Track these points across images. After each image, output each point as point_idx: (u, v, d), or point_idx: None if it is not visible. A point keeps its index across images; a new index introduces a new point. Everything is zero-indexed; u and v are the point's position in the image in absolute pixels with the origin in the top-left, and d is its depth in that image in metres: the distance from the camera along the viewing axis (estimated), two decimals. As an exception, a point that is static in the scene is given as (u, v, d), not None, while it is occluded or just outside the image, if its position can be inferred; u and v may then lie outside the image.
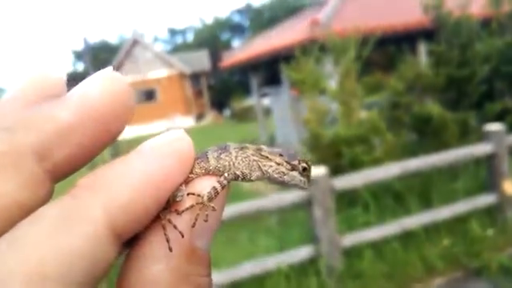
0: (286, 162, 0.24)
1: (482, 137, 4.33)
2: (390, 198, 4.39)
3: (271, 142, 13.19)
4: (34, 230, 0.16)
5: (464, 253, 3.87)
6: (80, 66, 35.86)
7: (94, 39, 37.01)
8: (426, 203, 4.38)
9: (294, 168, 0.25)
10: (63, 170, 0.16)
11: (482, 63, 5.40)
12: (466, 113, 5.26)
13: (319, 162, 4.93)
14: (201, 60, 31.21)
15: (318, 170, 3.74)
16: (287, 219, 4.76)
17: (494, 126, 4.27)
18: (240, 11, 42.35)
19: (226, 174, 0.22)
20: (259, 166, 0.23)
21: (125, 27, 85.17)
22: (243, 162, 0.23)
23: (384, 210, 4.32)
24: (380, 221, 4.13)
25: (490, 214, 4.20)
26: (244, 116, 24.61)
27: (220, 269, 3.52)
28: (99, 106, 0.15)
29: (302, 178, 0.24)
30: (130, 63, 28.83)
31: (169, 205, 0.19)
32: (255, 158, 0.24)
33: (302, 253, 3.70)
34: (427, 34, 9.18)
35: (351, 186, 3.85)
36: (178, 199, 0.19)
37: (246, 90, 28.48)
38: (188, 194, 0.20)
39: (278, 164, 0.24)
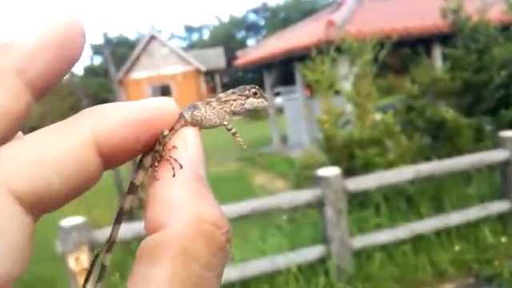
0: (239, 95, 0.30)
1: (497, 143, 4.23)
2: (402, 202, 4.32)
3: (283, 141, 13.15)
4: (28, 137, 0.19)
5: (475, 259, 3.79)
6: (97, 60, 36.11)
7: (112, 34, 37.24)
8: (438, 208, 4.30)
9: (247, 96, 0.30)
10: (38, 84, 0.19)
11: (498, 69, 5.28)
12: (481, 118, 5.15)
13: (332, 163, 4.88)
14: (216, 58, 31.25)
15: (331, 171, 3.69)
16: (297, 218, 4.72)
17: (510, 133, 4.17)
18: (256, 11, 42.29)
19: (202, 123, 0.27)
20: (224, 111, 0.29)
21: (142, 23, 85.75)
22: (212, 112, 0.28)
23: (395, 213, 4.25)
24: (391, 224, 4.07)
25: (502, 222, 4.10)
26: (256, 114, 24.56)
27: (230, 264, 3.50)
28: (57, 34, 0.19)
29: (258, 100, 0.30)
30: (147, 58, 28.97)
31: (161, 147, 0.23)
32: (219, 106, 0.29)
33: (313, 252, 3.66)
34: (442, 37, 9.05)
35: (364, 188, 3.79)
36: (166, 139, 0.23)
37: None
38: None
39: (235, 100, 0.30)
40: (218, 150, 12.98)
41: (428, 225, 3.92)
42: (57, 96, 17.41)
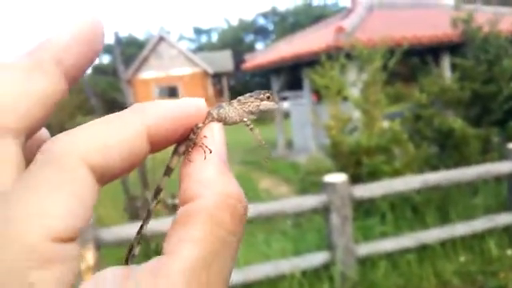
0: (256, 98, 0.35)
1: (504, 155, 4.20)
2: (408, 211, 4.29)
3: (289, 145, 13.13)
4: (87, 125, 0.23)
5: (480, 271, 3.76)
6: (106, 59, 36.28)
7: (122, 33, 37.43)
8: (444, 218, 4.27)
9: (262, 99, 0.36)
10: (71, 74, 0.23)
11: (508, 80, 5.25)
12: (489, 129, 5.12)
13: (339, 169, 4.86)
14: (224, 60, 31.32)
15: (338, 177, 3.68)
16: (302, 223, 4.70)
17: (518, 145, 4.14)
18: (265, 15, 42.37)
19: (225, 120, 0.32)
20: (243, 111, 0.34)
21: (152, 24, 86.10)
22: (233, 112, 0.33)
23: (401, 221, 4.23)
24: (396, 232, 4.04)
25: (508, 234, 4.06)
26: (262, 117, 24.59)
27: (234, 268, 3.48)
28: (84, 32, 0.23)
29: (271, 103, 0.35)
30: (155, 59, 29.08)
31: (195, 137, 0.28)
32: (239, 106, 0.34)
33: (317, 258, 3.64)
34: (452, 47, 9.02)
35: (370, 195, 3.77)
36: (199, 131, 0.28)
37: (265, 93, 28.46)
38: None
39: (252, 102, 0.35)
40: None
41: (433, 234, 3.89)
42: (65, 94, 17.42)
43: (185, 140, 0.27)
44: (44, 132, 0.26)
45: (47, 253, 0.18)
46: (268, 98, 0.35)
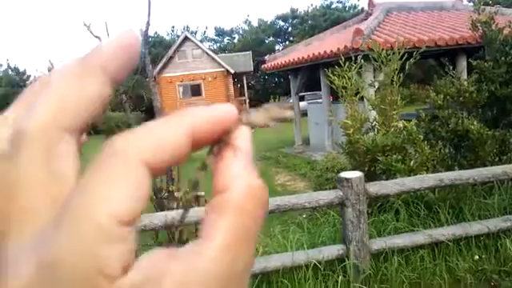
0: (279, 107, 0.36)
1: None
2: (422, 208, 4.20)
3: (305, 143, 13.07)
4: (146, 126, 0.24)
5: (495, 270, 3.65)
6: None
7: (149, 34, 37.81)
8: (458, 217, 4.16)
9: (285, 108, 0.36)
10: (115, 79, 0.25)
11: (526, 83, 5.08)
12: (506, 131, 4.97)
13: (354, 167, 4.80)
14: (244, 61, 31.36)
15: (354, 174, 3.64)
16: (317, 217, 4.66)
17: (535, 147, 4.01)
18: (284, 18, 42.20)
19: (253, 124, 0.33)
20: (268, 117, 0.35)
21: (177, 24, 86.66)
22: (260, 117, 0.34)
23: (415, 219, 4.14)
24: (410, 229, 3.97)
25: (523, 234, 3.94)
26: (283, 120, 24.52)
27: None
28: (125, 45, 0.26)
29: (291, 112, 0.36)
30: (180, 58, 29.28)
31: (227, 138, 0.30)
32: (265, 113, 0.35)
33: (332, 251, 3.60)
34: (468, 50, 8.80)
35: (385, 192, 3.71)
36: (231, 133, 0.30)
37: (284, 92, 28.39)
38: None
39: (277, 110, 0.36)
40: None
41: (447, 232, 3.80)
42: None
43: (218, 141, 0.30)
44: None
45: (113, 231, 0.21)
46: (290, 108, 0.36)
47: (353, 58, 5.78)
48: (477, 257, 3.73)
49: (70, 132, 0.24)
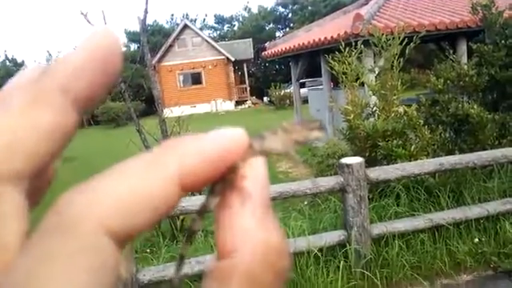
0: (303, 127, 0.29)
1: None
2: (422, 193, 4.22)
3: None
4: (108, 177, 0.19)
5: (494, 253, 3.68)
6: (132, 46, 36.44)
7: (148, 21, 37.52)
8: (458, 201, 4.18)
9: (311, 129, 0.31)
10: (83, 100, 0.20)
11: (526, 66, 5.05)
12: (506, 114, 4.95)
13: (355, 152, 4.80)
14: (244, 49, 31.14)
15: (355, 159, 3.64)
16: (318, 204, 4.68)
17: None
18: (284, 4, 41.75)
19: (270, 152, 0.27)
20: (289, 140, 0.29)
21: (176, 12, 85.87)
22: (278, 142, 0.28)
23: (415, 203, 4.16)
24: (411, 214, 3.99)
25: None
26: (282, 103, 24.47)
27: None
28: (98, 55, 0.20)
29: (318, 133, 0.30)
30: (180, 47, 29.09)
31: (232, 177, 0.23)
32: (285, 136, 0.29)
33: (333, 237, 3.63)
34: (468, 34, 8.72)
35: (385, 178, 3.72)
36: (238, 170, 0.23)
37: (285, 79, 28.26)
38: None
39: (300, 132, 0.30)
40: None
41: (447, 216, 3.82)
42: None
43: (222, 178, 0.23)
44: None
45: None
46: (316, 128, 0.30)
47: (353, 44, 5.73)
48: (476, 240, 3.76)
49: (16, 179, 0.19)
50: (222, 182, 0.23)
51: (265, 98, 29.21)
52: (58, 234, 0.17)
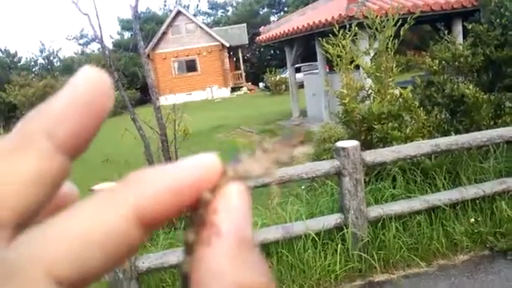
0: (285, 143, 0.26)
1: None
2: (419, 175, 4.21)
3: (303, 114, 13.02)
4: (58, 218, 0.18)
5: (490, 232, 3.69)
6: (126, 35, 36.00)
7: (141, 9, 36.99)
8: (455, 182, 4.18)
9: (294, 145, 0.27)
10: (70, 144, 0.19)
11: (522, 45, 4.99)
12: (502, 94, 4.92)
13: (351, 136, 4.78)
14: (239, 34, 30.83)
15: (350, 143, 3.62)
16: (316, 188, 4.68)
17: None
18: (278, -12, 41.18)
19: (246, 177, 0.24)
20: (270, 161, 0.25)
21: None
22: (256, 164, 0.25)
23: (411, 185, 4.16)
24: (407, 196, 3.99)
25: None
26: (278, 89, 24.34)
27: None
28: (83, 96, 0.19)
29: (304, 148, 0.27)
30: (173, 34, 28.77)
31: (202, 211, 0.21)
32: (264, 156, 0.26)
33: (330, 220, 3.63)
34: (464, 14, 8.63)
35: (381, 160, 3.70)
36: (207, 202, 0.21)
37: (280, 64, 28.06)
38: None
39: (282, 149, 0.26)
40: (244, 124, 12.96)
41: (443, 197, 3.82)
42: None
43: (195, 211, 0.21)
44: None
45: None
46: (301, 142, 0.26)
47: (347, 27, 5.65)
48: (473, 220, 3.77)
49: None
50: (194, 216, 0.21)
51: (260, 84, 29.03)
52: (2, 283, 0.16)
